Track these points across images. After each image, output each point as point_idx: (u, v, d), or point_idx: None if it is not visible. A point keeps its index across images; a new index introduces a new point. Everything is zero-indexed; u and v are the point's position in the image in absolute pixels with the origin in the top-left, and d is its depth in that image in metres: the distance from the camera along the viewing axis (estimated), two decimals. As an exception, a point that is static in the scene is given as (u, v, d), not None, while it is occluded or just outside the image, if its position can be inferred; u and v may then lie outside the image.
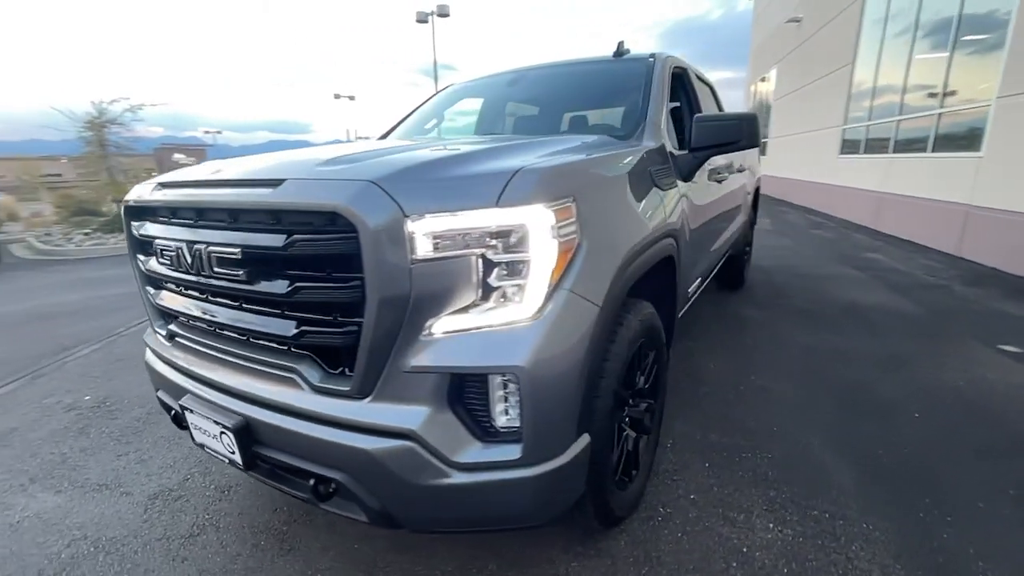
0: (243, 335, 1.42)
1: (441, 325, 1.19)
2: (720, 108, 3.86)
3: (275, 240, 1.22)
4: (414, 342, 1.19)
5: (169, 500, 2.04)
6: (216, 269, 1.34)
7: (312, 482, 1.32)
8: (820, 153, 11.63)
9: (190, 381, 1.56)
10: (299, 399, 1.31)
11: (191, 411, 1.49)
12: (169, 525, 1.90)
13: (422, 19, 20.21)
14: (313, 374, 1.30)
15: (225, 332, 1.47)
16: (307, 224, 1.19)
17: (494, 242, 1.18)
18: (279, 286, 1.25)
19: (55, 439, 2.55)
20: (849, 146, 10.18)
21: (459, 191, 1.17)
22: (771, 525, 1.79)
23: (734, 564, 1.62)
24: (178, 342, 1.65)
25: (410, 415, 1.20)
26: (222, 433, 1.39)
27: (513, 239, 1.18)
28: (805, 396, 2.73)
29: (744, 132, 2.11)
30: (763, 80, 18.28)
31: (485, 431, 1.24)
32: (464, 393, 1.23)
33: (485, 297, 1.20)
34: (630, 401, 1.83)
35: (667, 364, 2.09)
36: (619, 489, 1.70)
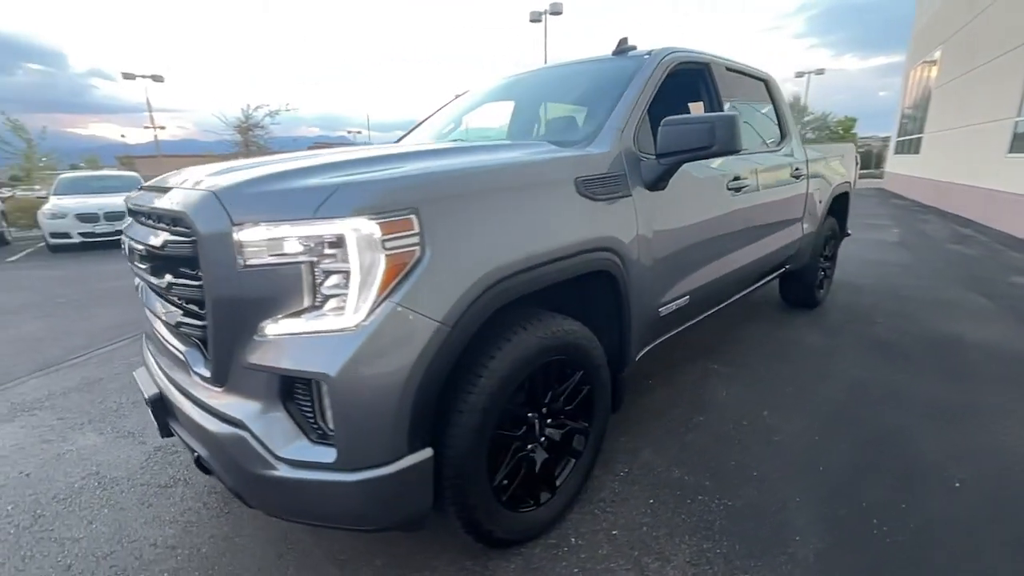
0: (163, 321, 1.64)
1: (273, 327, 1.26)
2: (776, 105, 3.40)
3: (158, 240, 1.39)
4: (250, 341, 1.28)
5: (167, 453, 2.41)
6: (136, 263, 1.57)
7: (195, 454, 1.49)
8: (983, 151, 9.59)
9: (148, 356, 1.84)
10: (185, 380, 1.48)
11: (138, 381, 1.76)
12: (155, 474, 2.24)
13: (535, 18, 20.46)
14: (196, 360, 1.46)
15: (157, 317, 1.71)
16: (175, 228, 1.35)
17: (328, 251, 1.22)
18: (163, 281, 1.42)
19: (121, 391, 3.13)
20: (1022, 142, 8.25)
21: (284, 203, 1.23)
22: (684, 580, 1.59)
23: (616, 614, 1.48)
24: (149, 324, 1.95)
25: (245, 407, 1.30)
26: (146, 402, 1.63)
27: (333, 251, 1.21)
28: (818, 442, 2.34)
29: (717, 136, 1.86)
30: (926, 64, 15.49)
31: (314, 431, 1.30)
32: (294, 393, 1.29)
33: (321, 304, 1.25)
34: (547, 421, 1.76)
35: (612, 385, 1.94)
36: (509, 510, 1.64)
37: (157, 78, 25.31)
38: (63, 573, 1.69)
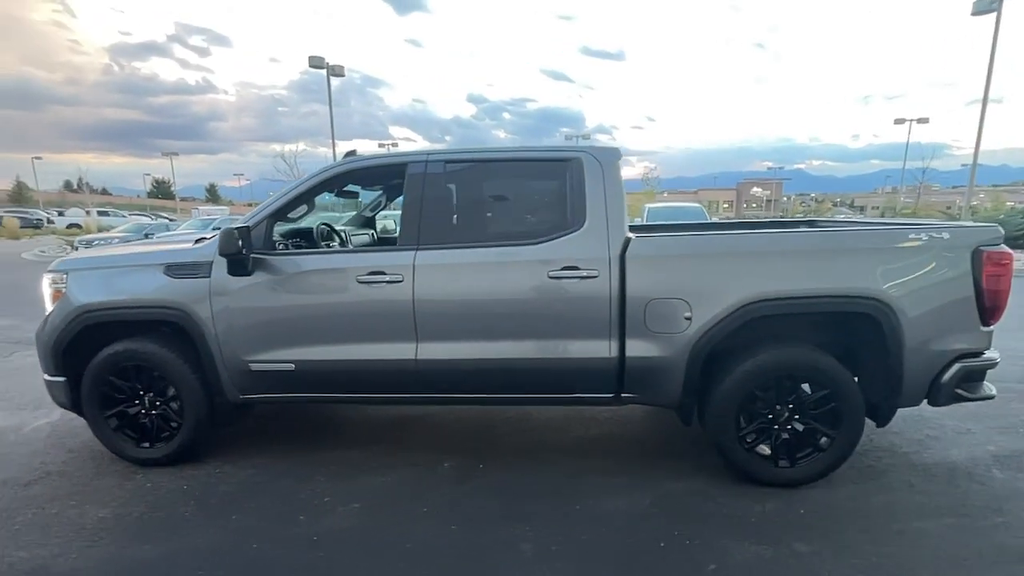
0: None
1: (58, 311, 3.23)
2: (573, 190, 2.72)
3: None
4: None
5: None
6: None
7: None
8: None
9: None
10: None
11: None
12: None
13: (983, 9, 14.64)
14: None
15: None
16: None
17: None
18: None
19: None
20: None
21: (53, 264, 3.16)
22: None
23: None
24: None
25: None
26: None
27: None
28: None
29: (219, 246, 2.66)
30: None
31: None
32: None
33: (56, 306, 3.14)
34: (156, 402, 3.01)
35: (193, 396, 2.90)
36: (125, 439, 3.02)
37: (586, 136, 32.52)
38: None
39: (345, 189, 3.70)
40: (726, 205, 79.37)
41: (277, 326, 2.84)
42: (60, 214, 36.08)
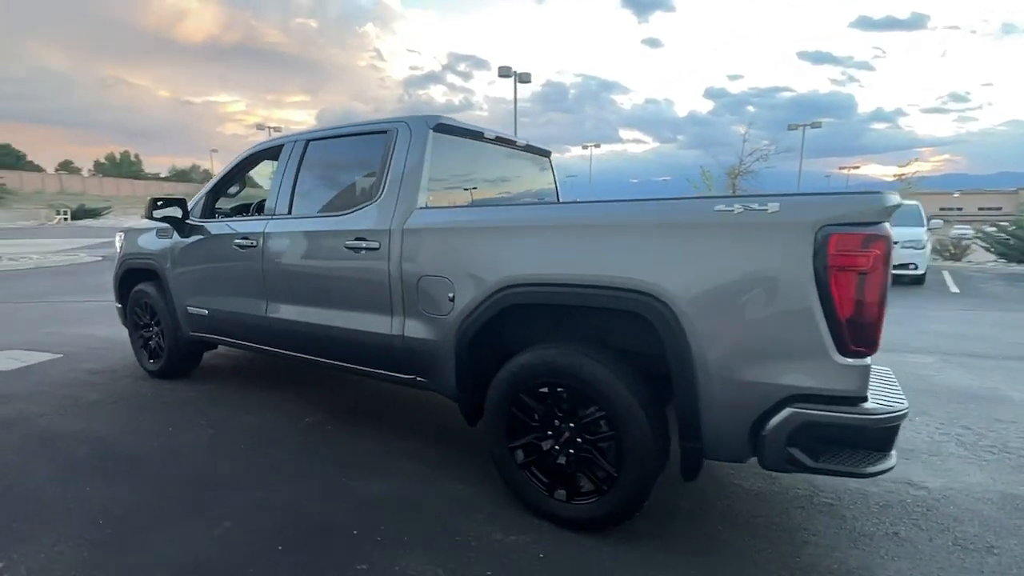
0: None
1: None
2: (383, 161, 2.61)
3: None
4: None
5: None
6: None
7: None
8: None
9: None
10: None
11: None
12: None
13: None
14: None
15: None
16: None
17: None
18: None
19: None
20: None
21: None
22: None
23: None
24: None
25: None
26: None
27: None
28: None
29: (145, 212, 3.39)
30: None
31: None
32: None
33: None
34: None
35: (168, 327, 3.84)
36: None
37: (815, 125, 27.46)
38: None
39: None
40: (1065, 207, 55.92)
41: (196, 277, 3.54)
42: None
